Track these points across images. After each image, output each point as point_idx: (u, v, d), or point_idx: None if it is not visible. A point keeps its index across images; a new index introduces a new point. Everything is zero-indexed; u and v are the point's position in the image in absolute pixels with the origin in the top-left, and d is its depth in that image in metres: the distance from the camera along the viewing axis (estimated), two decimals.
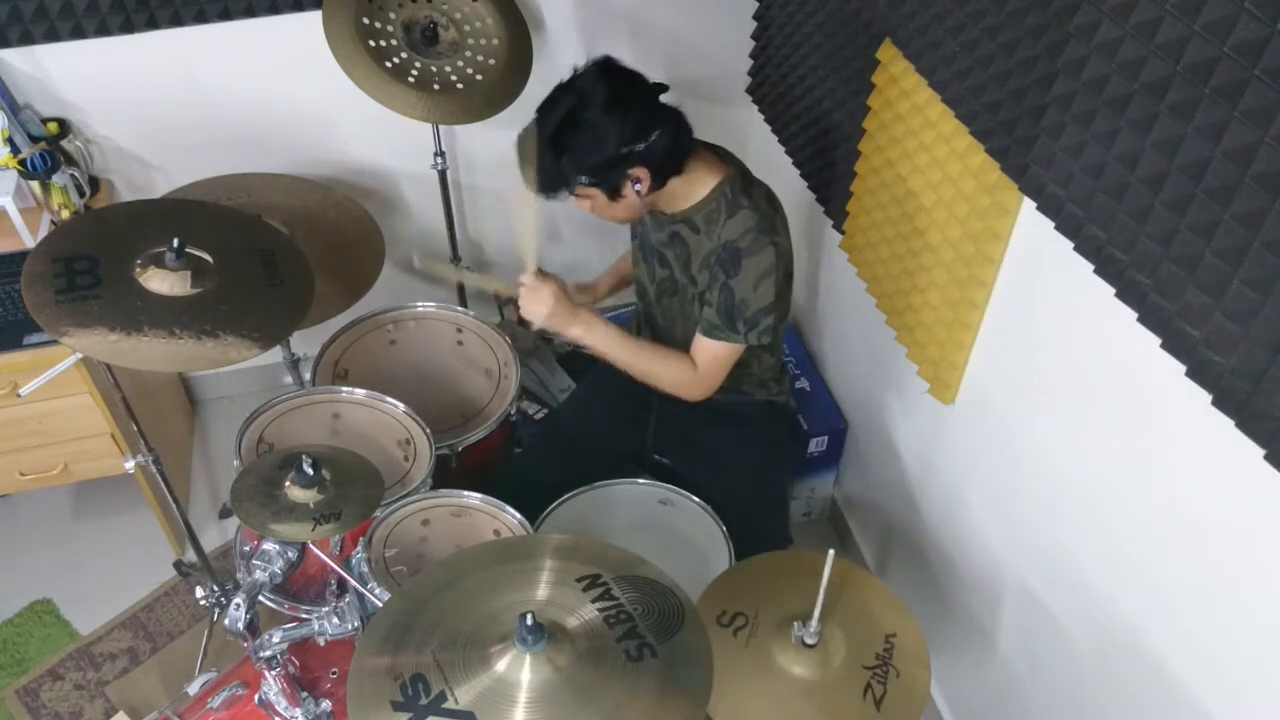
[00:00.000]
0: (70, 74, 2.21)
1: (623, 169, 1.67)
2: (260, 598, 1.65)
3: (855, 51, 1.93)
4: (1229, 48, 1.05)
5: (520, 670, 1.12)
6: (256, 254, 1.80)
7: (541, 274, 1.84)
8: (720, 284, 1.77)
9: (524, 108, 2.20)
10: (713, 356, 1.84)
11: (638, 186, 1.70)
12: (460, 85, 2.15)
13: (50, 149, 2.16)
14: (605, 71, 1.67)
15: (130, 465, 2.06)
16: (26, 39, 2.11)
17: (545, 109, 1.69)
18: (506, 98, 2.20)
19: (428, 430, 1.96)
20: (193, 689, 1.76)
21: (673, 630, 1.21)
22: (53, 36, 2.12)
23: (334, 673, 1.73)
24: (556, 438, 2.15)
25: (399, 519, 1.78)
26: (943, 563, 2.06)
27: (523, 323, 1.92)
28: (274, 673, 1.57)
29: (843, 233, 2.15)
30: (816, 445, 2.47)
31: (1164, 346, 1.26)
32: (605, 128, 1.63)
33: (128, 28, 2.15)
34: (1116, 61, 1.20)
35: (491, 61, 2.20)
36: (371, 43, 2.09)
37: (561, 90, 1.68)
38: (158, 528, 2.50)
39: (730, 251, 1.75)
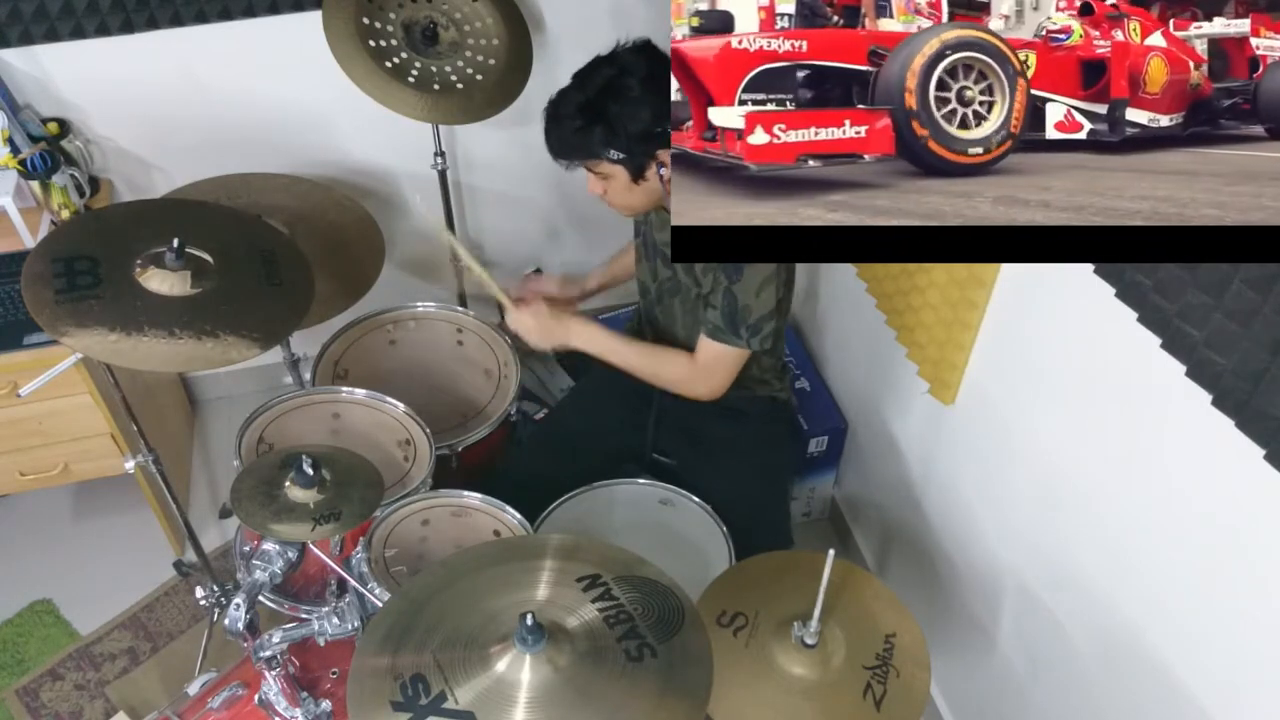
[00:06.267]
0: (70, 74, 2.21)
1: (652, 148, 1.68)
2: (260, 598, 1.65)
3: None
4: None
5: (520, 670, 1.12)
6: (256, 254, 1.80)
7: (519, 299, 1.98)
8: (723, 288, 1.77)
9: (524, 108, 2.21)
10: (715, 358, 1.84)
11: (662, 171, 1.70)
12: (460, 85, 2.15)
13: (50, 149, 2.16)
14: (647, 50, 1.69)
15: (130, 465, 2.05)
16: (26, 39, 2.11)
17: (583, 75, 1.71)
18: (506, 98, 2.20)
19: (428, 430, 1.96)
20: (193, 689, 1.75)
21: (673, 630, 1.21)
22: (53, 36, 2.12)
23: (334, 673, 1.73)
24: (557, 437, 2.15)
25: (399, 519, 1.78)
26: (943, 563, 2.06)
27: (519, 341, 2.05)
28: (274, 673, 1.57)
29: None
30: (816, 445, 2.47)
31: (1164, 346, 1.26)
32: (643, 101, 1.65)
33: (128, 28, 2.15)
34: None
35: (491, 61, 2.20)
36: (371, 43, 2.09)
37: (602, 61, 1.70)
38: (158, 528, 2.50)
39: None
